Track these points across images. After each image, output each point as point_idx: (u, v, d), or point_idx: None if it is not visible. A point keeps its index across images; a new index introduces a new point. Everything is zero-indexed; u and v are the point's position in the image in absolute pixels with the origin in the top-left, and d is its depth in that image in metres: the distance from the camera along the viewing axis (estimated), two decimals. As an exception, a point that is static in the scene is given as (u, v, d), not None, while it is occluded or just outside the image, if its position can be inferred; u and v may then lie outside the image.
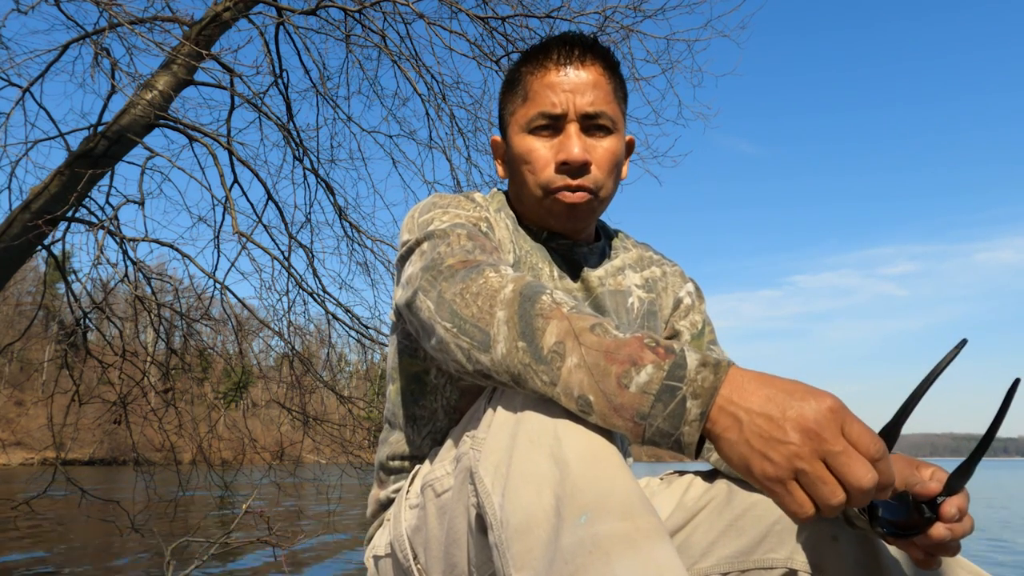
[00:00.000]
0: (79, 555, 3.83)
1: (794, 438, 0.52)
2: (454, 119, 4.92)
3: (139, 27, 3.68)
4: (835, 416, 0.52)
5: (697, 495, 0.94)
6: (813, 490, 0.52)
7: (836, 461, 0.51)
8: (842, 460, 0.51)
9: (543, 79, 0.93)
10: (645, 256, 1.11)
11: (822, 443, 0.51)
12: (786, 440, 0.52)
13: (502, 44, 4.54)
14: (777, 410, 0.53)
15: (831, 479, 0.51)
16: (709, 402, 0.55)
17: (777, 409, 0.53)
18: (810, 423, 0.52)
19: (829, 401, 0.53)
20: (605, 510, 0.54)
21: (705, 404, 0.55)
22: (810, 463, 0.51)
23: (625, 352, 0.58)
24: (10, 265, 3.87)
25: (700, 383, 0.55)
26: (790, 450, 0.52)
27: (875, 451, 0.52)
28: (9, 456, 28.20)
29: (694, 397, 0.55)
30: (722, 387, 0.55)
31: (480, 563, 0.69)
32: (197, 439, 4.61)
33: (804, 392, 0.54)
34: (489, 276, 0.70)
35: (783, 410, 0.53)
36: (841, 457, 0.51)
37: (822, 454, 0.51)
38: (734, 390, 0.55)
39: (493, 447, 0.65)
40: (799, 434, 0.52)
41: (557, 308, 0.64)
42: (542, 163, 0.93)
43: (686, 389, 0.55)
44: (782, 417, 0.53)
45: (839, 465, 0.51)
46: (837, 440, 0.52)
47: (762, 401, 0.54)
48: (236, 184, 4.46)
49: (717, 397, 0.55)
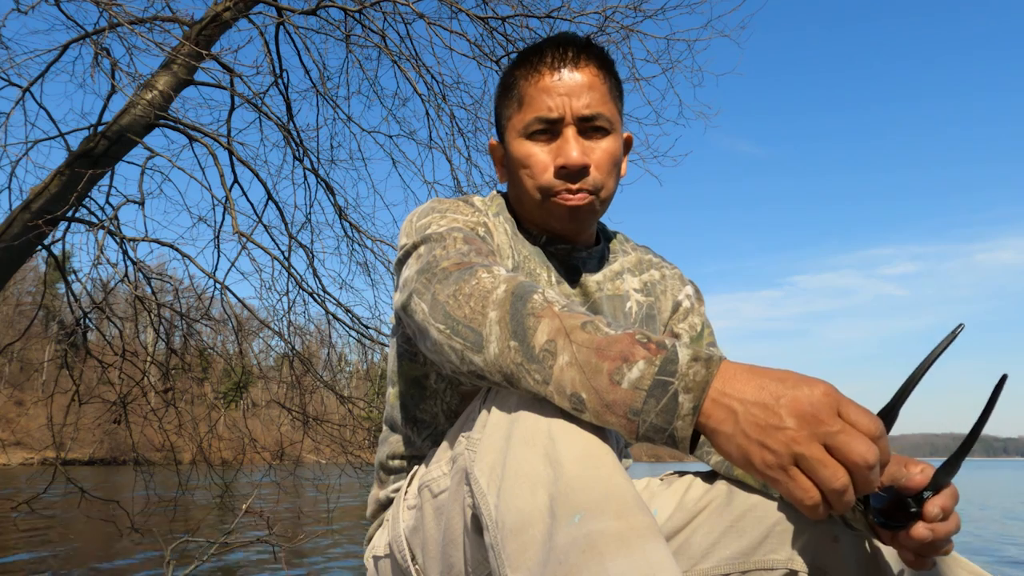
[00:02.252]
0: (79, 555, 3.82)
1: (790, 423, 0.52)
2: (454, 119, 4.92)
3: (139, 27, 3.68)
4: (830, 399, 0.52)
5: (697, 496, 0.94)
6: (815, 474, 0.51)
7: (836, 440, 0.51)
8: (842, 439, 0.51)
9: (538, 83, 0.92)
10: (644, 259, 1.11)
11: (819, 425, 0.51)
12: (782, 426, 0.52)
13: (502, 44, 4.54)
14: (771, 398, 0.53)
15: (831, 461, 0.51)
16: (701, 396, 0.55)
17: (771, 397, 0.53)
18: (805, 407, 0.52)
19: (822, 386, 0.53)
20: (599, 509, 0.54)
21: (698, 398, 0.55)
22: (808, 447, 0.51)
23: (616, 349, 0.58)
24: (10, 265, 3.87)
25: (692, 377, 0.55)
26: (788, 435, 0.52)
27: (874, 429, 0.52)
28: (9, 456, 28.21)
29: (686, 391, 0.55)
30: (714, 380, 0.55)
31: (476, 563, 0.69)
32: (197, 439, 4.61)
33: (797, 379, 0.54)
34: (482, 277, 0.70)
35: (777, 397, 0.53)
36: (840, 436, 0.51)
37: (820, 437, 0.51)
38: (726, 382, 0.55)
39: (488, 448, 0.65)
40: (795, 419, 0.52)
41: (548, 307, 0.63)
42: (541, 168, 0.92)
43: (678, 384, 0.55)
44: (776, 404, 0.53)
45: (839, 444, 0.51)
46: (834, 421, 0.51)
47: (755, 390, 0.54)
48: (236, 184, 4.46)
49: (709, 390, 0.55)
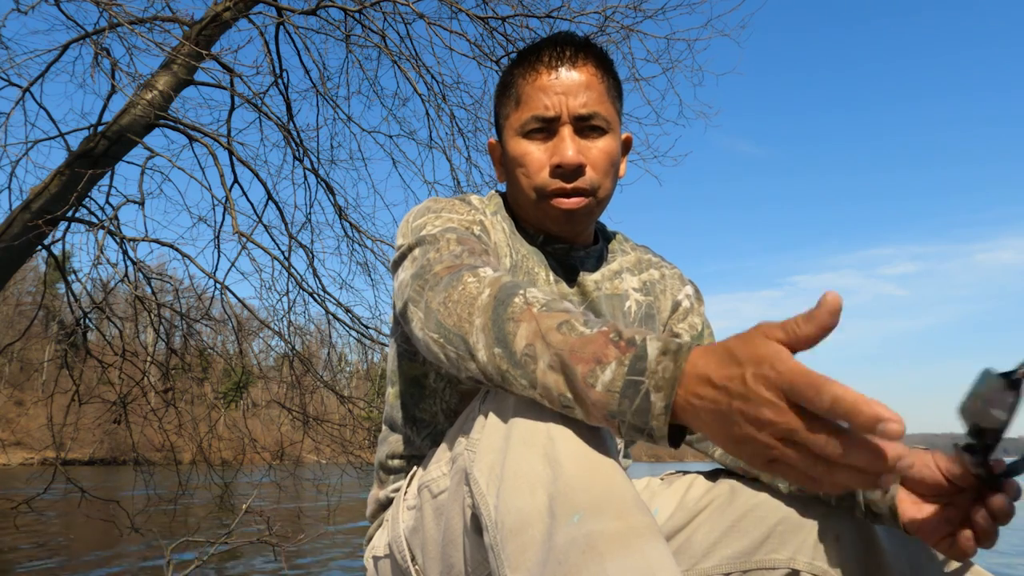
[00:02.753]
0: (79, 555, 3.82)
1: (768, 395, 0.47)
2: (454, 119, 4.93)
3: (139, 27, 3.67)
4: (780, 360, 0.48)
5: (699, 495, 0.93)
6: (811, 445, 0.47)
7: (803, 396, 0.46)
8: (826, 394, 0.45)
9: (535, 82, 0.92)
10: (644, 259, 1.10)
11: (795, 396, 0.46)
12: (762, 408, 0.48)
13: (502, 44, 4.54)
14: (743, 383, 0.49)
15: (824, 428, 0.46)
16: (671, 394, 0.53)
17: (742, 382, 0.49)
18: (770, 373, 0.48)
19: (770, 347, 0.49)
20: (598, 509, 0.54)
21: (668, 396, 0.53)
22: (792, 421, 0.47)
23: (589, 350, 0.57)
24: (10, 265, 3.87)
25: (661, 374, 0.53)
26: (764, 415, 0.48)
27: (814, 377, 0.46)
28: (9, 456, 28.20)
29: (657, 390, 0.53)
30: (682, 376, 0.53)
31: (476, 564, 0.69)
32: (197, 439, 4.61)
33: (748, 350, 0.50)
34: (468, 282, 0.70)
35: (749, 379, 0.49)
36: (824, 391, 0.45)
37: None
38: (698, 370, 0.52)
39: (487, 448, 0.65)
40: (771, 391, 0.47)
41: (527, 309, 0.63)
42: (536, 166, 0.92)
43: (648, 382, 0.54)
44: (754, 384, 0.48)
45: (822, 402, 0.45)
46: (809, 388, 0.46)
47: (726, 375, 0.50)
48: (236, 184, 4.46)
49: (681, 384, 0.53)
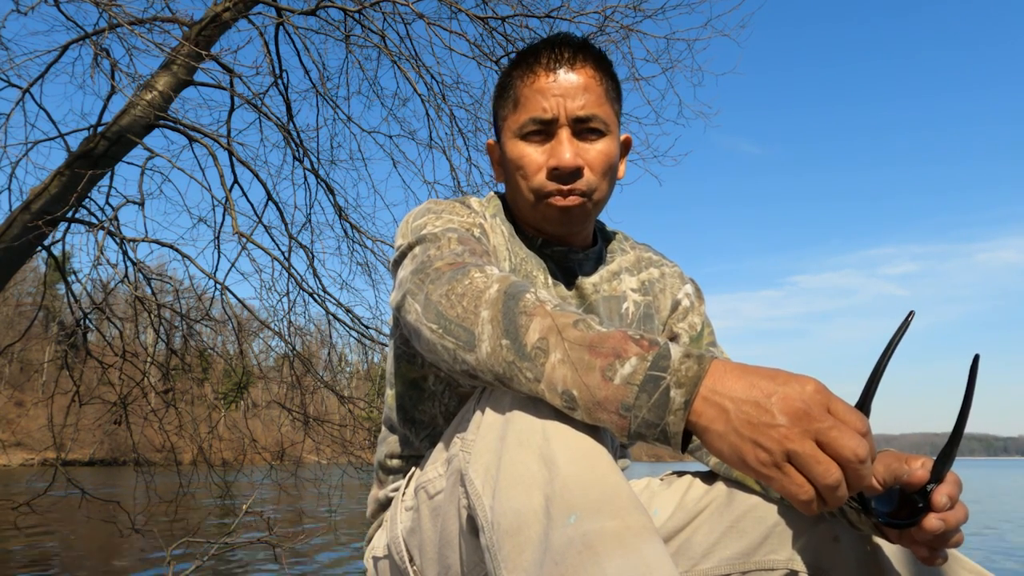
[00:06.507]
0: (79, 555, 3.82)
1: (782, 420, 0.52)
2: (454, 119, 4.92)
3: (139, 28, 3.67)
4: (820, 396, 0.53)
5: (698, 496, 0.93)
6: (808, 470, 0.52)
7: (828, 436, 0.51)
8: (833, 434, 0.51)
9: (533, 84, 0.92)
10: (643, 257, 1.10)
11: (811, 422, 0.52)
12: (775, 423, 0.52)
13: (502, 44, 4.54)
14: (762, 395, 0.53)
15: (824, 457, 0.51)
16: (693, 391, 0.55)
17: (762, 394, 0.53)
18: (796, 404, 0.52)
19: (812, 383, 0.54)
20: (594, 509, 0.54)
21: (689, 393, 0.55)
22: (801, 443, 0.52)
23: (609, 345, 0.58)
24: (10, 265, 3.87)
25: (684, 372, 0.56)
26: (780, 432, 0.52)
27: (861, 425, 0.53)
28: (9, 457, 28.22)
29: (678, 386, 0.55)
30: (706, 377, 0.55)
31: (473, 565, 0.69)
32: (197, 439, 4.61)
33: (786, 377, 0.54)
34: (475, 277, 0.70)
35: (768, 394, 0.53)
36: (832, 431, 0.51)
37: (812, 433, 0.52)
38: (717, 380, 0.55)
39: (483, 449, 0.65)
40: (787, 416, 0.52)
41: (540, 305, 0.64)
42: (534, 168, 0.92)
43: (670, 379, 0.55)
44: (768, 401, 0.53)
45: (831, 440, 0.51)
46: (825, 417, 0.52)
47: (746, 388, 0.54)
48: (236, 184, 4.46)
49: (701, 387, 0.55)
